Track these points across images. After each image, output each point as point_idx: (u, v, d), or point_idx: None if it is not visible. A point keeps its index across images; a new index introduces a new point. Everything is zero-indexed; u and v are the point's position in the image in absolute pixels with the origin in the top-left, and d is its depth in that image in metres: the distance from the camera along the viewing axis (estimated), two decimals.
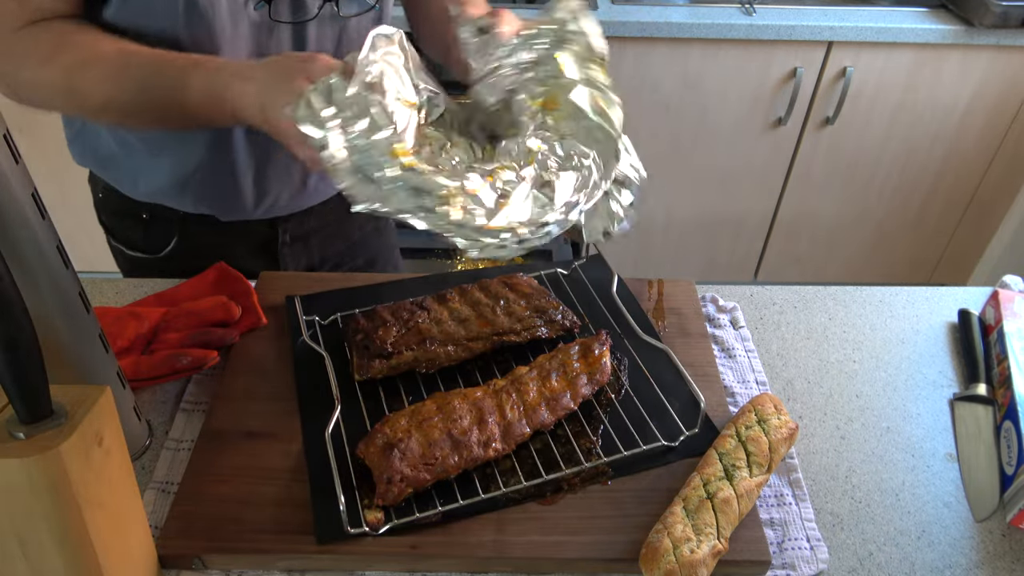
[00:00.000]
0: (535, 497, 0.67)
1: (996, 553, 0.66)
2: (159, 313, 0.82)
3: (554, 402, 0.72)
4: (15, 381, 0.46)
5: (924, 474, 0.73)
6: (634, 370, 0.79)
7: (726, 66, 1.93)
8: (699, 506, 0.63)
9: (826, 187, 2.18)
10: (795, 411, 0.79)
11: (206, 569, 0.63)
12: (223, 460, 0.69)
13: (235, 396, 0.75)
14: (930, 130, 2.06)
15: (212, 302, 0.82)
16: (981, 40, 1.86)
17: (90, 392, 0.51)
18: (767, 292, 0.95)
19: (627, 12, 1.86)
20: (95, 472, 0.51)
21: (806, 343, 0.88)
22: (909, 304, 0.94)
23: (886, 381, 0.83)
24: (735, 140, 2.07)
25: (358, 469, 0.67)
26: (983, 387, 0.80)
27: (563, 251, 2.25)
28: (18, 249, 0.55)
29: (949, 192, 2.19)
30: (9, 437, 0.47)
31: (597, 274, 0.92)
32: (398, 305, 0.82)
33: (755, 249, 2.34)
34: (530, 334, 0.80)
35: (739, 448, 0.68)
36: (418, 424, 0.68)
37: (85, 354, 0.63)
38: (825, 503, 0.70)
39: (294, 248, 1.03)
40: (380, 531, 0.63)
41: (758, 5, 1.92)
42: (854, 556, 0.66)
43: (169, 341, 0.79)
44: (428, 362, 0.76)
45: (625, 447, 0.71)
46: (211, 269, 0.89)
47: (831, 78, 1.95)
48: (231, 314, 0.81)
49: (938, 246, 2.33)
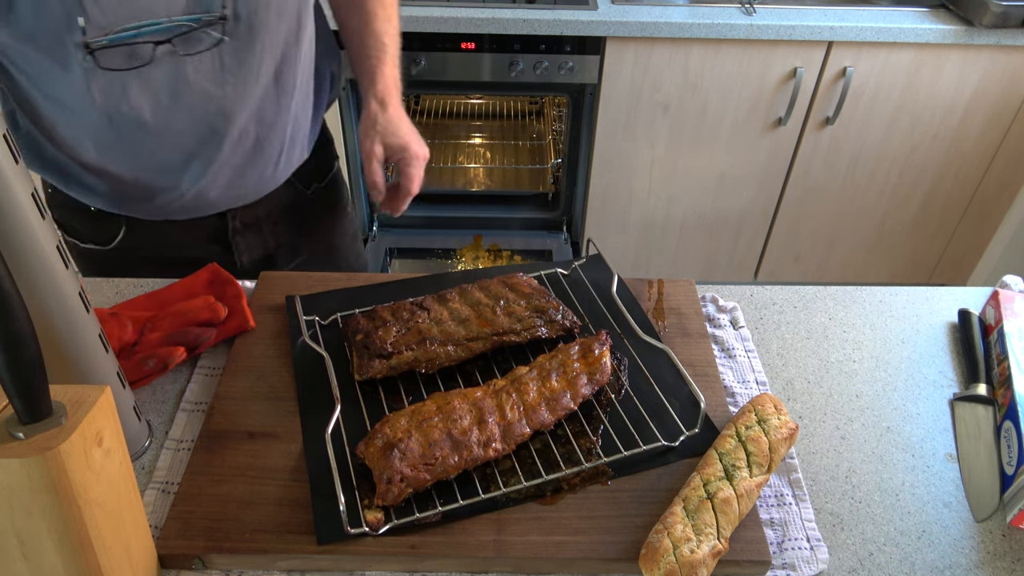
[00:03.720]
0: (535, 497, 0.67)
1: (996, 553, 0.66)
2: (147, 315, 0.82)
3: (554, 402, 0.72)
4: (15, 381, 0.46)
5: (924, 474, 0.73)
6: (634, 370, 0.79)
7: (726, 66, 1.93)
8: (699, 506, 0.63)
9: (826, 187, 2.18)
10: (795, 411, 0.79)
11: (206, 569, 0.63)
12: (223, 460, 0.69)
13: (235, 396, 0.75)
14: (930, 130, 2.06)
15: (199, 302, 0.82)
16: (981, 40, 1.86)
17: (90, 392, 0.51)
18: (767, 292, 0.95)
19: (627, 12, 1.86)
20: (95, 472, 0.50)
21: (806, 343, 0.88)
22: (909, 304, 0.94)
23: (886, 381, 0.83)
24: (735, 140, 2.07)
25: (358, 469, 0.67)
26: (983, 387, 0.80)
27: (563, 251, 2.25)
28: (18, 249, 0.55)
29: (949, 192, 2.19)
30: (9, 437, 0.47)
31: (597, 274, 0.92)
32: (398, 305, 0.82)
33: (755, 249, 2.34)
34: (530, 334, 0.80)
35: (739, 448, 0.68)
36: (418, 424, 0.68)
37: (85, 354, 0.63)
38: (825, 503, 0.70)
39: (247, 236, 1.03)
40: (380, 531, 0.63)
41: (758, 5, 1.92)
42: (854, 556, 0.66)
43: (150, 341, 0.79)
44: (428, 362, 0.76)
45: (625, 447, 0.71)
46: (204, 270, 0.89)
47: (831, 78, 1.95)
48: (216, 314, 0.81)
49: (938, 246, 2.33)
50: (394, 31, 1.01)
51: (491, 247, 2.30)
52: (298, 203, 1.06)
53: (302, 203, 1.07)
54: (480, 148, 2.50)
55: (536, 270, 0.92)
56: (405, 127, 0.98)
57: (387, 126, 0.96)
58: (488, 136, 2.54)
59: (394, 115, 0.97)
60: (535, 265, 0.93)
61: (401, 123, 0.98)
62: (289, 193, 1.04)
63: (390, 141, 0.96)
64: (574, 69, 1.92)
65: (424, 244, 2.30)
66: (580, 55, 1.90)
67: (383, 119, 0.96)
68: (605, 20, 1.83)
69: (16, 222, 0.54)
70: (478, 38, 1.87)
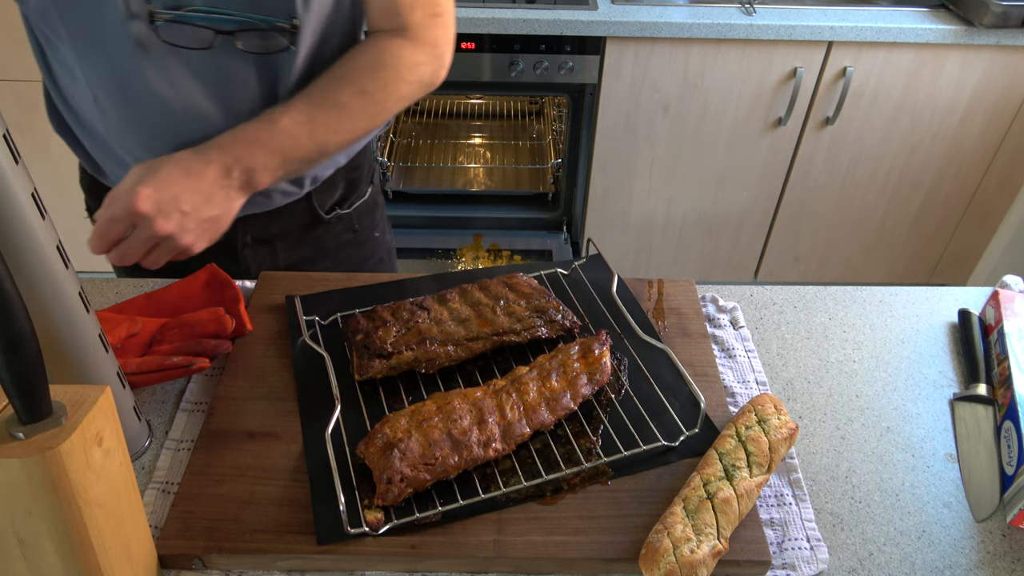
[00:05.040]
0: (535, 497, 0.67)
1: (996, 553, 0.66)
2: (156, 324, 0.82)
3: (554, 402, 0.72)
4: (15, 381, 0.46)
5: (924, 474, 0.73)
6: (634, 370, 0.79)
7: (726, 66, 1.93)
8: (699, 506, 0.63)
9: (826, 187, 2.18)
10: (795, 411, 0.79)
11: (206, 569, 0.63)
12: (223, 460, 0.69)
13: (235, 396, 0.75)
14: (930, 130, 2.06)
15: (207, 315, 0.81)
16: (981, 40, 1.86)
17: (90, 392, 0.51)
18: (767, 292, 0.95)
19: (627, 12, 1.86)
20: (95, 472, 0.50)
21: (806, 343, 0.88)
22: (909, 304, 0.94)
23: (886, 381, 0.83)
24: (735, 140, 2.07)
25: (358, 469, 0.67)
26: (983, 387, 0.80)
27: (563, 251, 2.25)
28: (18, 249, 0.55)
29: (949, 192, 2.19)
30: (9, 437, 0.47)
31: (597, 274, 0.92)
32: (398, 305, 0.82)
33: (755, 249, 2.34)
34: (530, 334, 0.80)
35: (739, 448, 0.68)
36: (418, 424, 0.68)
37: (85, 354, 0.63)
38: (825, 503, 0.70)
39: (257, 250, 1.00)
40: (380, 531, 0.63)
41: (758, 5, 1.92)
42: (854, 556, 0.66)
43: (162, 352, 0.79)
44: (428, 362, 0.76)
45: (625, 447, 0.71)
46: (202, 271, 0.88)
47: (831, 78, 1.95)
48: (224, 328, 0.80)
49: (938, 246, 2.33)
50: (335, 126, 0.82)
51: (491, 247, 2.30)
52: (315, 225, 1.03)
53: (319, 225, 1.03)
54: (480, 148, 2.50)
55: (536, 270, 0.92)
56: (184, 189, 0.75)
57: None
58: (488, 136, 2.54)
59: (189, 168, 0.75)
60: (535, 265, 0.93)
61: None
62: (306, 215, 1.01)
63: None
64: (574, 69, 1.92)
65: (424, 244, 2.30)
66: (580, 55, 1.90)
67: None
68: (605, 20, 1.83)
69: (16, 222, 0.54)
70: (478, 38, 1.87)
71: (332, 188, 1.02)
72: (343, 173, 1.02)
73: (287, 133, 0.78)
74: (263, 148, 0.77)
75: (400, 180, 2.38)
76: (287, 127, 0.78)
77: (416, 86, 0.86)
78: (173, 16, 0.75)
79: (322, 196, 1.01)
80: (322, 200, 1.01)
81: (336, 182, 1.02)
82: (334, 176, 1.01)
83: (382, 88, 0.83)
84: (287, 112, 0.79)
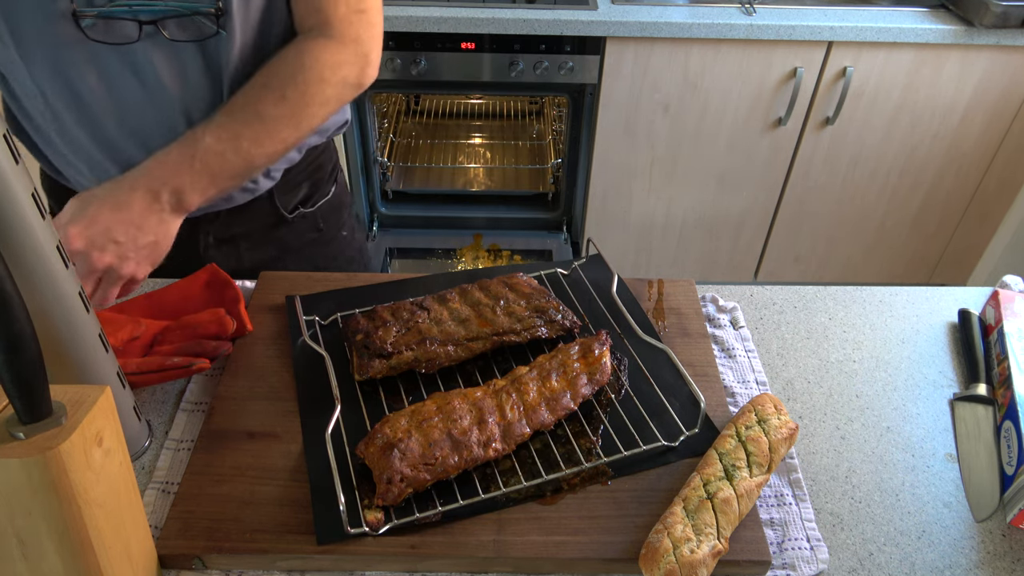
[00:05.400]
0: (535, 497, 0.67)
1: (996, 553, 0.66)
2: (158, 326, 0.82)
3: (554, 402, 0.72)
4: (15, 381, 0.46)
5: (924, 474, 0.73)
6: (634, 370, 0.79)
7: (726, 66, 1.93)
8: (699, 506, 0.63)
9: (826, 187, 2.18)
10: (795, 411, 0.79)
11: (206, 569, 0.63)
12: (223, 460, 0.69)
13: (235, 396, 0.75)
14: (930, 130, 2.06)
15: (208, 316, 0.81)
16: (981, 40, 1.86)
17: (90, 392, 0.51)
18: (767, 292, 0.95)
19: (627, 12, 1.86)
20: (95, 472, 0.50)
21: (806, 343, 0.88)
22: (909, 304, 0.94)
23: (886, 381, 0.83)
24: (735, 140, 2.07)
25: (358, 469, 0.67)
26: (983, 387, 0.80)
27: (563, 251, 2.25)
28: (18, 249, 0.55)
29: (949, 192, 2.19)
30: (9, 437, 0.47)
31: (597, 274, 0.92)
32: (398, 305, 0.82)
33: (755, 249, 2.34)
34: (530, 334, 0.80)
35: (739, 448, 0.68)
36: (418, 424, 0.68)
37: (85, 354, 0.63)
38: (825, 503, 0.70)
39: (221, 251, 0.99)
40: (380, 531, 0.63)
41: (758, 5, 1.92)
42: (854, 556, 0.66)
43: (162, 352, 0.79)
44: (428, 362, 0.76)
45: (625, 447, 0.71)
46: (203, 271, 0.88)
47: (831, 78, 1.95)
48: (225, 329, 0.80)
49: (938, 246, 2.33)
50: (264, 138, 0.80)
51: (491, 247, 2.30)
52: (279, 224, 1.02)
53: (282, 225, 1.03)
54: (480, 148, 2.50)
55: (536, 270, 0.92)
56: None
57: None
58: (488, 136, 2.54)
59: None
60: (535, 265, 0.93)
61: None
62: (269, 215, 1.00)
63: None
64: (574, 69, 1.92)
65: (424, 244, 2.30)
66: (580, 55, 1.90)
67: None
68: (605, 20, 1.83)
69: (16, 222, 0.54)
70: (478, 38, 1.87)
71: (295, 188, 1.01)
72: (306, 173, 1.02)
73: (212, 151, 0.77)
74: (189, 168, 0.76)
75: (400, 180, 2.38)
76: (211, 145, 0.77)
77: (340, 87, 0.84)
78: (97, 13, 0.75)
79: (285, 196, 1.00)
80: (285, 200, 1.01)
81: (299, 181, 1.01)
82: (297, 175, 1.00)
83: (303, 93, 0.81)
84: (209, 129, 0.78)
